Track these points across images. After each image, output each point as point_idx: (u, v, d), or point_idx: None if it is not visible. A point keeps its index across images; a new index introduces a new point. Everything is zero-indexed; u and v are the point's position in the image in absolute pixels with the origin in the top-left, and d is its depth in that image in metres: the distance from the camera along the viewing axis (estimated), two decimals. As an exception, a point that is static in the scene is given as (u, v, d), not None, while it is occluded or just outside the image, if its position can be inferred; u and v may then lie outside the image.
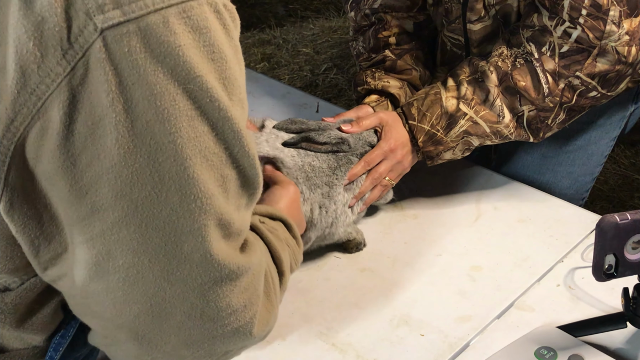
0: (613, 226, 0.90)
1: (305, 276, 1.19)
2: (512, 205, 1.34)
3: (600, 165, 1.53)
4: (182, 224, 0.62)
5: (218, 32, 0.59)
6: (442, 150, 1.26)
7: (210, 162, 0.61)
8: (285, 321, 1.10)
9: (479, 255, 1.22)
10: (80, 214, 0.61)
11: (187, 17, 0.57)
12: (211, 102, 0.59)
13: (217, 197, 0.63)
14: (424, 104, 1.24)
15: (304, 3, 4.01)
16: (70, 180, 0.59)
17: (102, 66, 0.54)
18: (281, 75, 3.32)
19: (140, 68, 0.55)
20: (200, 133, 0.59)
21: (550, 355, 0.97)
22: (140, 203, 0.60)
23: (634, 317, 0.98)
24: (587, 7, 1.15)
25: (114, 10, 0.54)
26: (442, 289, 1.16)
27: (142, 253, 0.62)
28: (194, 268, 0.65)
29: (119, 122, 0.56)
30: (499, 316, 1.10)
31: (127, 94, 0.56)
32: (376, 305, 1.13)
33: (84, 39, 0.54)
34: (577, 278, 1.16)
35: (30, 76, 0.55)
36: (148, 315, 0.67)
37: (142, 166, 0.58)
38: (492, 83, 1.22)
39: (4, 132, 0.57)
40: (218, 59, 0.60)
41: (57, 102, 0.56)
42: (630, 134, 1.58)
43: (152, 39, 0.55)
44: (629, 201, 2.53)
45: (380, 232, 1.29)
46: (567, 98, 1.21)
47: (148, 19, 0.55)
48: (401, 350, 1.04)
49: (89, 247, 0.63)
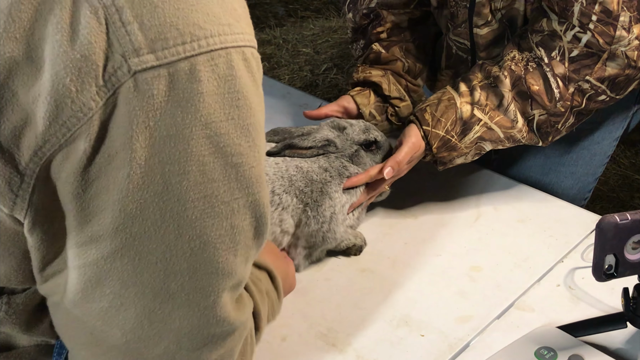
0: (613, 226, 0.90)
1: (305, 276, 1.19)
2: (512, 205, 1.34)
3: (603, 166, 1.53)
4: (173, 263, 0.63)
5: (244, 80, 0.62)
6: (455, 156, 1.25)
7: (218, 210, 0.63)
8: (285, 321, 1.10)
9: (479, 256, 1.22)
10: (80, 240, 0.63)
11: (215, 65, 0.60)
12: (225, 148, 0.61)
13: (219, 247, 0.64)
14: (438, 109, 1.23)
15: (304, 3, 4.01)
16: (77, 207, 0.61)
17: (129, 104, 0.57)
18: (281, 75, 3.32)
19: (163, 110, 0.58)
20: (209, 179, 0.61)
21: (550, 355, 0.97)
22: (139, 237, 0.61)
23: (634, 317, 0.98)
24: (597, 13, 1.14)
25: (148, 54, 0.57)
26: (442, 289, 1.16)
27: (131, 285, 0.63)
28: (175, 309, 0.65)
29: (134, 158, 0.59)
30: (499, 316, 1.10)
31: (147, 133, 0.58)
32: (376, 305, 1.13)
33: (116, 78, 0.57)
34: (577, 278, 1.16)
35: (63, 109, 0.58)
36: (120, 352, 0.67)
37: (147, 202, 0.60)
38: (506, 88, 1.21)
39: (31, 157, 0.60)
40: (242, 105, 0.62)
41: (85, 134, 0.58)
42: (630, 133, 1.58)
43: (178, 84, 0.58)
44: (629, 201, 2.53)
45: (380, 233, 1.29)
46: (577, 102, 1.21)
47: (178, 65, 0.58)
48: (401, 350, 1.04)
49: (80, 273, 0.64)
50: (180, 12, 0.59)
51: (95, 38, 0.57)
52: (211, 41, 0.60)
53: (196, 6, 0.59)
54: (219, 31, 0.60)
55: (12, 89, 0.58)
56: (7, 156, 0.60)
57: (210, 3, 0.60)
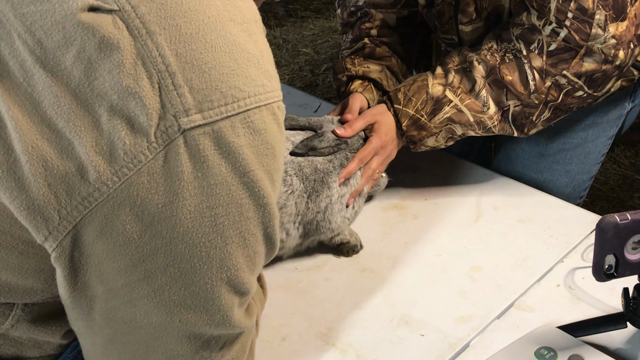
0: (613, 226, 0.90)
1: (305, 276, 1.20)
2: (512, 205, 1.34)
3: (598, 164, 1.53)
4: (213, 292, 0.71)
5: (272, 132, 0.71)
6: (425, 135, 1.28)
7: (247, 241, 0.71)
8: (285, 321, 1.10)
9: (479, 255, 1.22)
10: (134, 278, 0.69)
11: (251, 122, 0.68)
12: (258, 191, 0.70)
13: (244, 269, 0.73)
14: (411, 89, 1.27)
15: (304, 3, 4.01)
16: (134, 250, 0.68)
17: (178, 158, 0.65)
18: (281, 75, 3.32)
19: (209, 161, 0.66)
20: (245, 218, 0.70)
21: (550, 355, 0.97)
22: (185, 272, 0.69)
23: (634, 317, 0.98)
24: (573, 10, 1.16)
25: (196, 114, 0.65)
26: (442, 289, 1.16)
27: (176, 313, 0.71)
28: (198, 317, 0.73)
29: (184, 205, 0.66)
30: (499, 316, 1.10)
31: (195, 182, 0.66)
32: (376, 305, 1.13)
33: (167, 135, 0.65)
34: (577, 278, 1.16)
35: (116, 159, 0.64)
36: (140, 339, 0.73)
37: (194, 242, 0.68)
38: (479, 74, 1.24)
39: (76, 205, 0.65)
40: (270, 154, 0.71)
41: (135, 184, 0.64)
42: (630, 133, 1.58)
43: (221, 139, 0.66)
44: (629, 201, 2.53)
45: (380, 233, 1.29)
46: (553, 96, 1.22)
47: (220, 123, 0.66)
48: (401, 350, 1.04)
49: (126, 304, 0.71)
50: (224, 77, 0.67)
51: (149, 101, 0.64)
52: (248, 101, 0.68)
53: (237, 70, 0.68)
54: (254, 92, 0.69)
55: (69, 138, 0.64)
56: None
57: (248, 66, 0.69)
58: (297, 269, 1.22)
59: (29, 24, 0.64)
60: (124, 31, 0.64)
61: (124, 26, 0.64)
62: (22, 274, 0.72)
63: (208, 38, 0.66)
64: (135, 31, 0.64)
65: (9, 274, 0.71)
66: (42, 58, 0.63)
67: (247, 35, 0.70)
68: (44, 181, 0.64)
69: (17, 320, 0.76)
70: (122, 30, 0.64)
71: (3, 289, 0.73)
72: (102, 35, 0.63)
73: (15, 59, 0.64)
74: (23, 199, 0.64)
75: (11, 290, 0.73)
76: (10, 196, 0.65)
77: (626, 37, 1.18)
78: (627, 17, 1.17)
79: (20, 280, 0.72)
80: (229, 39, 0.68)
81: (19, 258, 0.70)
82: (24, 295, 0.74)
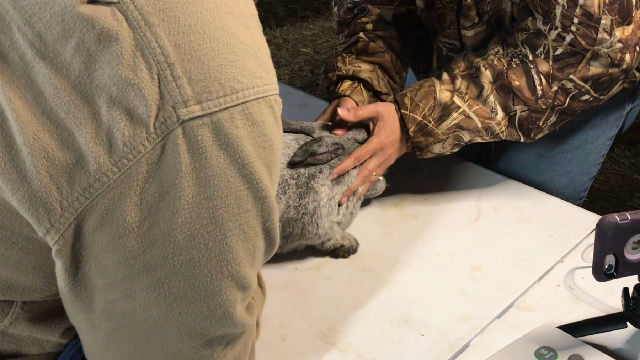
0: (613, 226, 0.90)
1: (305, 276, 1.20)
2: (512, 205, 1.34)
3: (598, 165, 1.53)
4: (213, 285, 0.71)
5: (270, 124, 0.71)
6: (432, 142, 1.26)
7: (247, 234, 0.71)
8: (285, 321, 1.10)
9: (479, 255, 1.22)
10: (134, 270, 0.69)
11: (249, 114, 0.68)
12: (257, 184, 0.70)
13: (244, 263, 0.73)
14: (418, 94, 1.26)
15: (304, 3, 4.01)
16: (136, 239, 0.68)
17: (177, 149, 0.65)
18: (281, 75, 3.32)
19: (207, 152, 0.66)
20: (243, 210, 0.70)
21: (550, 355, 0.97)
22: (185, 264, 0.69)
23: (634, 317, 0.98)
24: (579, 16, 1.16)
25: (195, 105, 0.65)
26: (442, 289, 1.16)
27: (176, 307, 0.71)
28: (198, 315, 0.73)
29: (182, 196, 0.66)
30: (499, 316, 1.10)
31: (193, 174, 0.66)
32: (376, 305, 1.13)
33: (166, 126, 0.65)
34: (577, 278, 1.16)
35: (115, 150, 0.64)
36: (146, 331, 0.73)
37: (193, 233, 0.68)
38: (486, 79, 1.23)
39: (77, 196, 0.65)
40: (267, 147, 0.71)
41: (134, 174, 0.65)
42: (630, 133, 1.58)
43: (220, 131, 0.66)
44: (629, 201, 2.53)
45: (380, 232, 1.29)
46: (560, 101, 1.22)
47: (219, 114, 0.66)
48: (401, 350, 1.04)
49: (128, 298, 0.71)
50: (222, 68, 0.67)
51: (148, 92, 0.64)
52: (247, 93, 0.68)
53: (235, 62, 0.68)
54: (253, 84, 0.69)
55: (70, 129, 0.64)
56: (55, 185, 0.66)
57: (246, 59, 0.69)
58: (297, 269, 1.22)
59: (28, 16, 0.64)
60: (123, 23, 0.63)
61: (122, 18, 0.64)
62: (22, 271, 0.72)
63: (206, 30, 0.66)
64: (134, 23, 0.64)
65: (8, 271, 0.71)
66: (41, 50, 0.63)
67: (244, 28, 0.70)
68: (46, 172, 0.64)
69: (15, 318, 0.76)
70: (121, 21, 0.63)
71: (2, 286, 0.73)
72: (101, 27, 0.63)
73: (15, 51, 0.64)
74: (25, 190, 0.64)
75: (10, 287, 0.73)
76: (12, 188, 0.65)
77: (632, 41, 1.17)
78: (633, 20, 1.16)
79: (20, 277, 0.72)
80: (226, 31, 0.68)
81: (19, 254, 0.70)
82: (23, 293, 0.74)
